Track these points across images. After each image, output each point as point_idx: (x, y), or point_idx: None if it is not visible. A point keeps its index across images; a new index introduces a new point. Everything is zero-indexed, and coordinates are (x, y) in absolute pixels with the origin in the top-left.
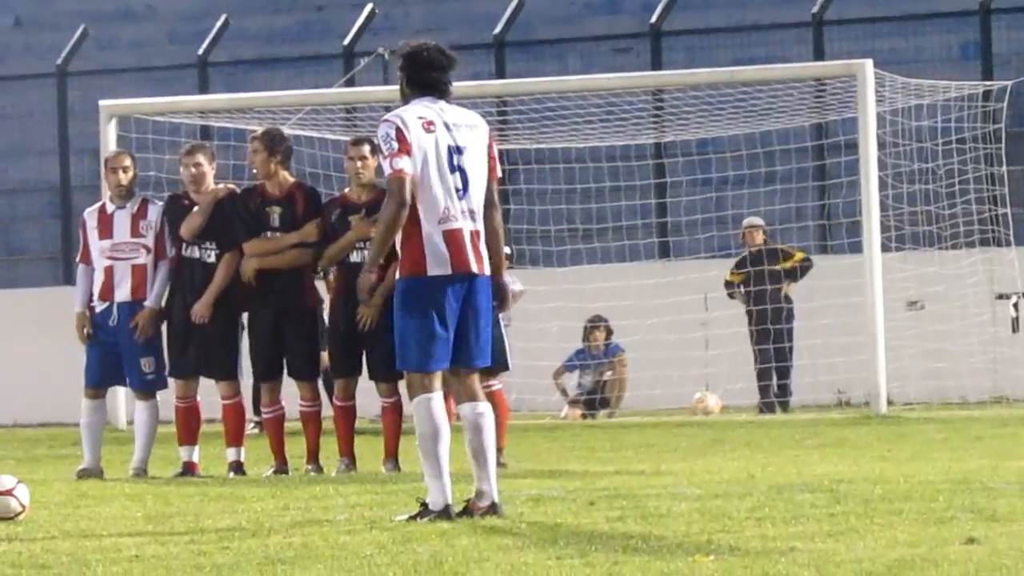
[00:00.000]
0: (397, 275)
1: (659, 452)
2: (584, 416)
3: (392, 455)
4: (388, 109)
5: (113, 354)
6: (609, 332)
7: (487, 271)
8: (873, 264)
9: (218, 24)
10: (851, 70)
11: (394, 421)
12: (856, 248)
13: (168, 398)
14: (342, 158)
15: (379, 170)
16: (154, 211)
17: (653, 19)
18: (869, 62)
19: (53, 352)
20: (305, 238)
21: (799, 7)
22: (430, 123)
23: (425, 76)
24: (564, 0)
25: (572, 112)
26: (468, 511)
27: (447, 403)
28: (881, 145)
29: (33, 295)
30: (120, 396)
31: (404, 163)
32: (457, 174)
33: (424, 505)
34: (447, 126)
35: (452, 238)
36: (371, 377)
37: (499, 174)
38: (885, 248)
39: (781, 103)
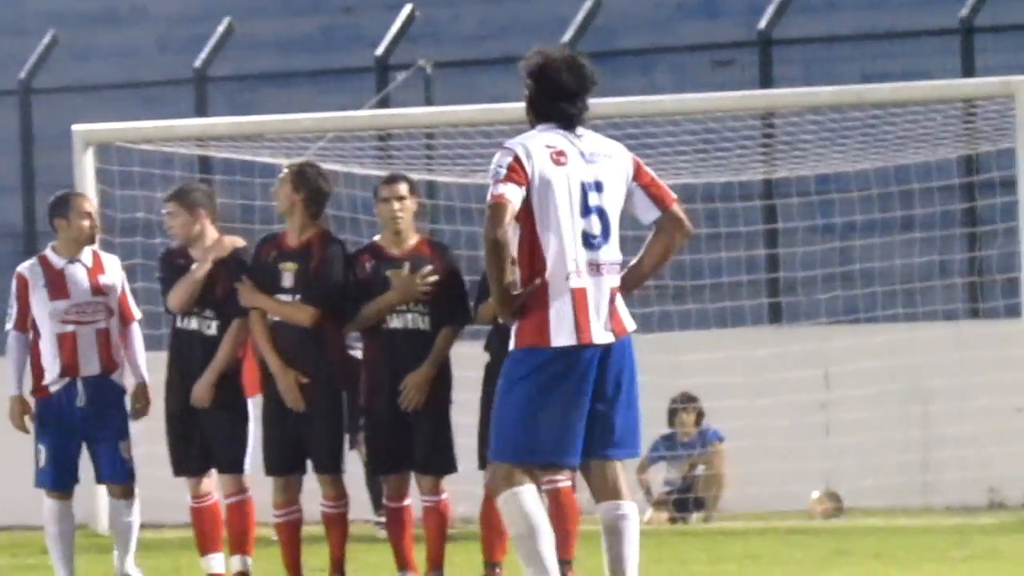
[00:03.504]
0: (512, 344)
1: (768, 565)
2: (673, 520)
3: (437, 566)
4: (430, 136)
5: (76, 443)
6: (700, 415)
7: (629, 327)
8: None
9: (220, 29)
10: (1009, 89)
11: (439, 525)
12: (1014, 311)
13: (165, 497)
14: (372, 197)
15: (420, 214)
16: (111, 264)
17: (762, 24)
18: None
19: (10, 439)
20: (285, 315)
21: (943, 10)
22: (561, 153)
23: (551, 106)
24: (651, 1)
25: (661, 140)
26: None
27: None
28: None
29: None
30: (101, 491)
31: (506, 189)
32: (594, 217)
33: None
34: (584, 156)
35: (579, 299)
36: (414, 470)
37: (674, 196)
38: None
39: (921, 130)
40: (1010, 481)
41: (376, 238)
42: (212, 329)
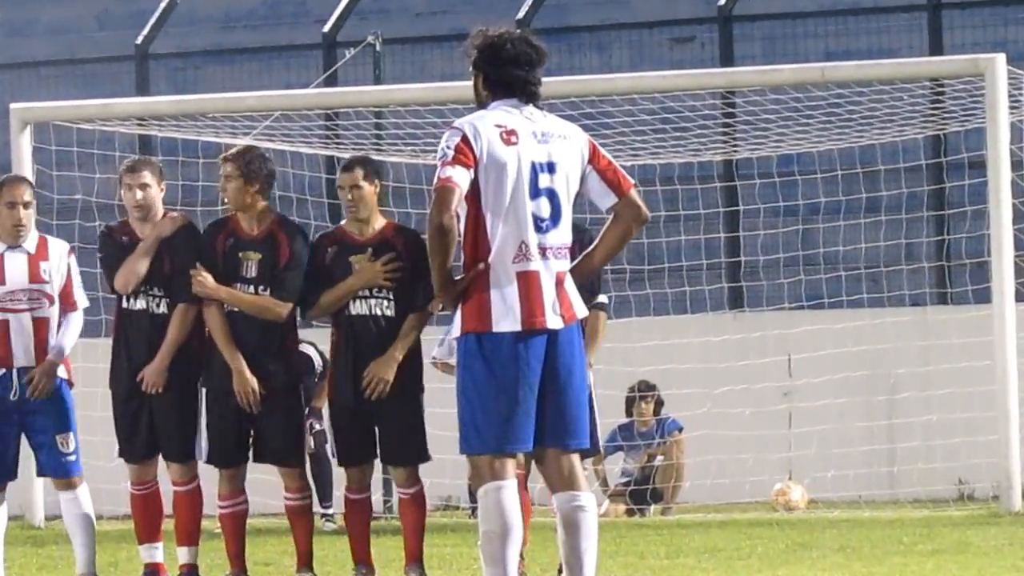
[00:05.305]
0: (456, 331)
1: (728, 559)
2: (630, 512)
3: (416, 559)
4: (379, 115)
5: (14, 435)
6: (659, 404)
7: (579, 314)
8: (1005, 318)
9: (162, 5)
10: (978, 67)
11: (417, 517)
12: (983, 297)
13: (102, 488)
14: (319, 177)
15: (382, 199)
16: (57, 251)
17: (722, 0)
18: (1001, 57)
19: None
20: (257, 309)
21: None
22: (511, 132)
23: (507, 74)
24: None
25: (618, 120)
26: None
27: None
28: (1016, 164)
29: None
30: (37, 484)
31: (454, 172)
32: (543, 199)
33: None
34: (535, 136)
35: (527, 283)
36: (385, 462)
37: (632, 181)
38: (1020, 297)
39: (887, 109)
40: (979, 472)
41: (342, 222)
42: (161, 307)
